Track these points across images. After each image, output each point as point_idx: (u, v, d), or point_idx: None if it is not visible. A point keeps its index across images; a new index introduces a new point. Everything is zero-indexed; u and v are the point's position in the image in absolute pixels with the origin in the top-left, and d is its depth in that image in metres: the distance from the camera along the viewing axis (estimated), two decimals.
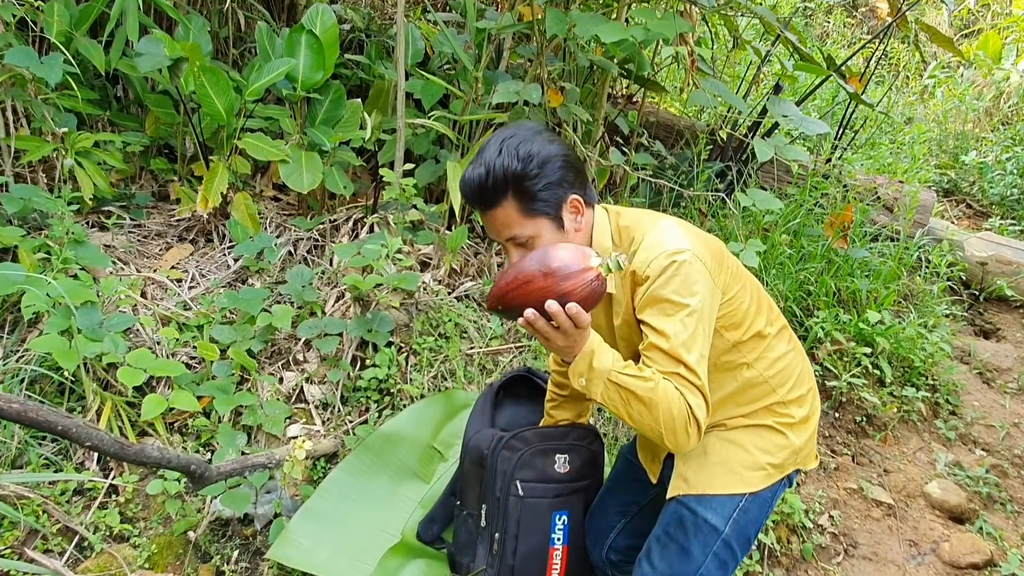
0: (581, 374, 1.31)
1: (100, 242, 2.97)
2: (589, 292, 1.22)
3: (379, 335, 2.54)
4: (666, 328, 1.33)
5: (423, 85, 3.19)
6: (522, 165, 1.36)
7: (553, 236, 1.40)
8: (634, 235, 1.44)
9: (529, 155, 1.36)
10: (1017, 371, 3.45)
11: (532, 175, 1.36)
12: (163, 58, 2.82)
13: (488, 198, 1.39)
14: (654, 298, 1.35)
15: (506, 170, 1.36)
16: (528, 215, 1.39)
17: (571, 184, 1.41)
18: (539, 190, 1.37)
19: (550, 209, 1.39)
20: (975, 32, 7.01)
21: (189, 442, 2.35)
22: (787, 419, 1.51)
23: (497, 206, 1.39)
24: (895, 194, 3.99)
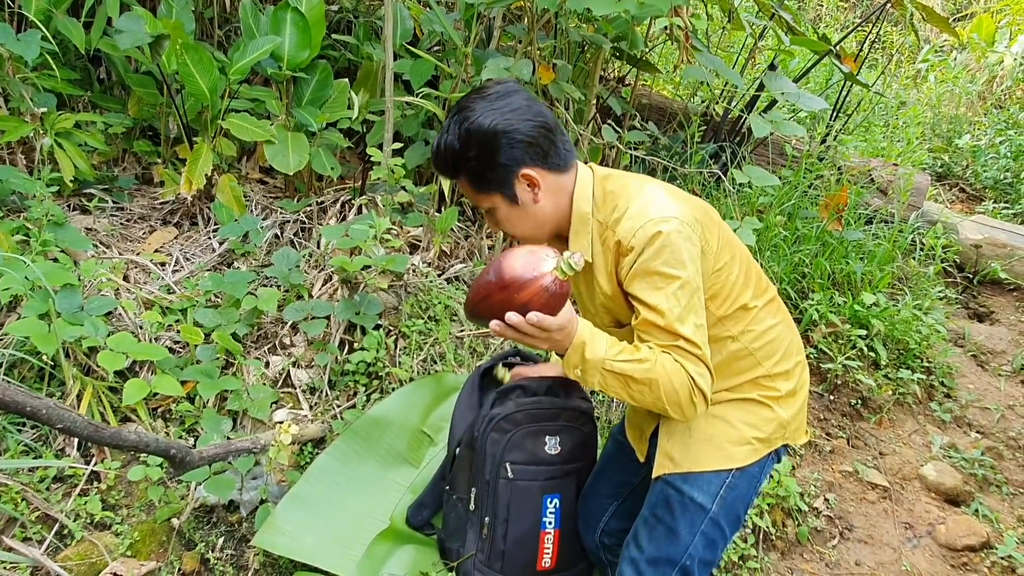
0: (575, 366, 1.30)
1: (82, 225, 2.90)
2: (548, 297, 1.23)
3: (367, 318, 2.49)
4: (659, 303, 1.30)
5: (412, 65, 3.13)
6: (462, 146, 1.37)
7: (509, 209, 1.42)
8: (618, 201, 1.40)
9: (469, 135, 1.35)
10: (1011, 354, 3.43)
11: (471, 156, 1.36)
12: (144, 35, 2.74)
13: (445, 172, 1.44)
14: (643, 271, 1.31)
15: (448, 149, 1.38)
16: (480, 191, 1.41)
17: (519, 160, 1.37)
18: (483, 169, 1.38)
19: (498, 186, 1.39)
20: (969, 15, 6.97)
21: (173, 427, 2.29)
22: (773, 392, 1.47)
23: (455, 180, 1.44)
24: (889, 177, 3.96)
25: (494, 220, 1.46)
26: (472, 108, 1.37)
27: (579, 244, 1.43)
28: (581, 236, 1.43)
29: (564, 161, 1.42)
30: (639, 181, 1.44)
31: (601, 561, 1.80)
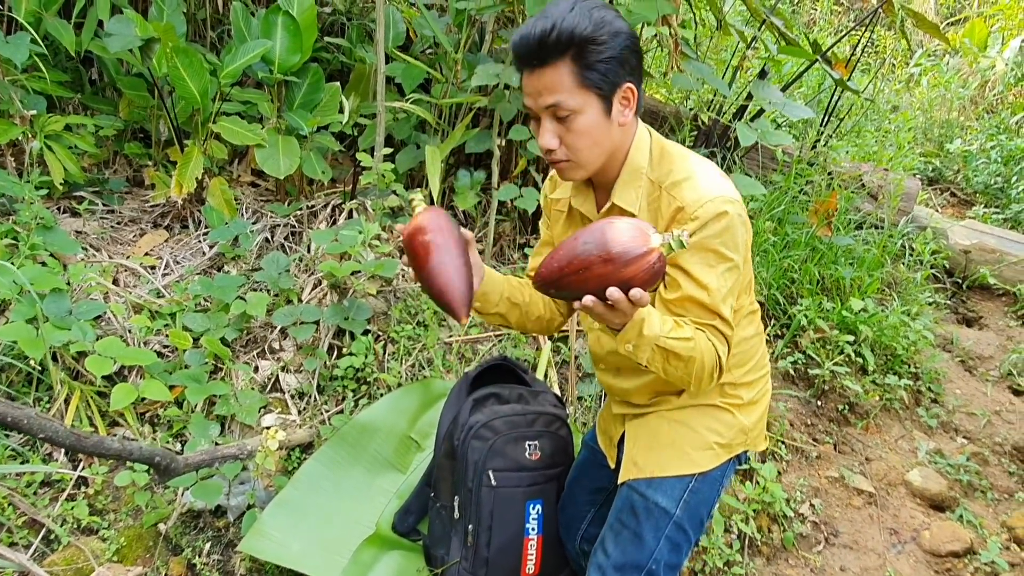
0: (629, 341, 1.24)
1: (71, 228, 2.90)
2: (651, 275, 1.15)
3: (356, 323, 2.50)
4: (709, 282, 1.29)
5: (404, 69, 3.13)
6: (593, 28, 1.24)
7: (597, 119, 1.29)
8: (675, 164, 1.35)
9: (603, 21, 1.25)
10: (999, 359, 3.45)
11: (600, 41, 1.24)
12: (134, 38, 2.74)
13: (545, 54, 1.25)
14: (701, 246, 1.29)
15: (575, 28, 1.23)
16: (581, 85, 1.26)
17: (632, 70, 1.30)
18: (601, 61, 1.25)
19: (605, 87, 1.27)
20: (962, 20, 6.99)
21: (160, 432, 2.30)
22: (735, 399, 1.49)
23: (550, 65, 1.26)
24: (880, 182, 3.97)
25: (567, 129, 1.30)
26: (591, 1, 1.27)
27: (625, 196, 1.38)
28: (629, 188, 1.37)
29: (642, 98, 1.36)
30: (685, 151, 1.40)
31: (582, 568, 1.82)
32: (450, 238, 1.30)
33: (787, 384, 2.94)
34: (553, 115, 1.29)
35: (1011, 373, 3.33)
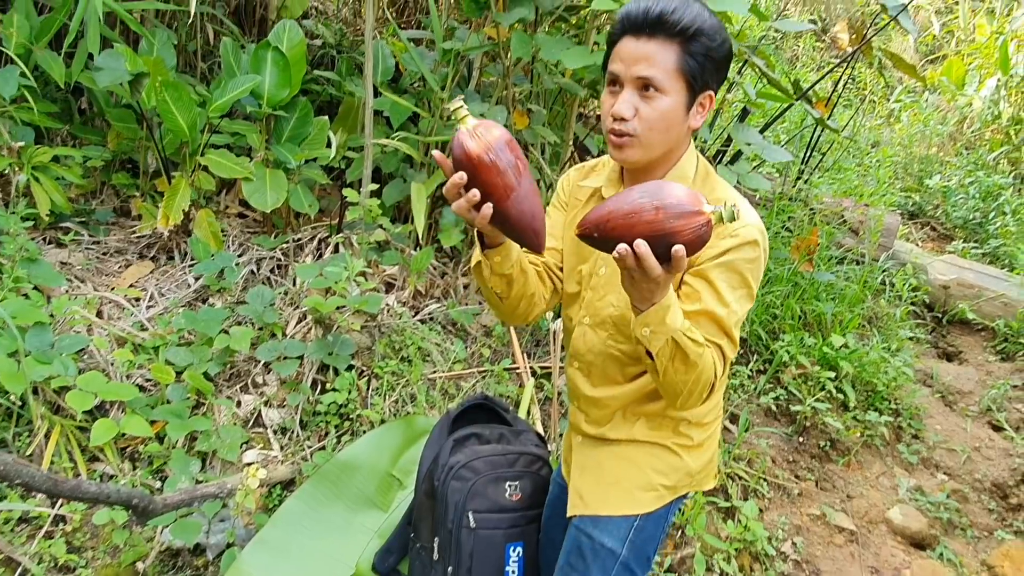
0: (648, 325, 1.21)
1: (56, 259, 2.90)
2: (696, 237, 1.12)
3: (340, 358, 2.50)
4: (730, 301, 1.29)
5: (392, 104, 3.17)
6: (711, 25, 1.27)
7: (676, 108, 1.29)
8: (716, 186, 1.38)
9: (720, 24, 1.29)
10: (978, 394, 3.49)
11: (713, 38, 1.27)
12: (123, 73, 2.77)
13: (660, 27, 1.26)
14: (729, 264, 1.29)
15: (697, 17, 1.25)
16: (679, 69, 1.27)
17: (720, 80, 1.33)
18: (706, 56, 1.27)
19: (696, 82, 1.29)
20: (940, 58, 7.16)
21: (140, 469, 2.28)
22: (685, 440, 1.48)
23: (659, 40, 1.26)
24: (861, 217, 4.04)
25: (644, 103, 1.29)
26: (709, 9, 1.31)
27: None
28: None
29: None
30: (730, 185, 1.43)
31: None
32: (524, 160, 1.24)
33: (769, 420, 2.96)
34: (639, 87, 1.28)
35: (991, 408, 3.37)
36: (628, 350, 1.44)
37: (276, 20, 3.79)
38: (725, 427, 2.82)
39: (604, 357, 1.49)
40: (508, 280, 1.42)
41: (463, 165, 1.17)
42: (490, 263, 1.37)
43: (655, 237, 1.11)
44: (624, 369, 1.47)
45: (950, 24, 7.49)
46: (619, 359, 1.46)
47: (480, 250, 1.37)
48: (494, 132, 1.18)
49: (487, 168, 1.16)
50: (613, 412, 1.50)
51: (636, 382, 1.47)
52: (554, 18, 2.79)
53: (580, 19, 3.30)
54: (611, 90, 1.33)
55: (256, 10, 4.03)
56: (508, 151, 1.18)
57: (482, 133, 1.17)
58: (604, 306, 1.46)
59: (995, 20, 6.56)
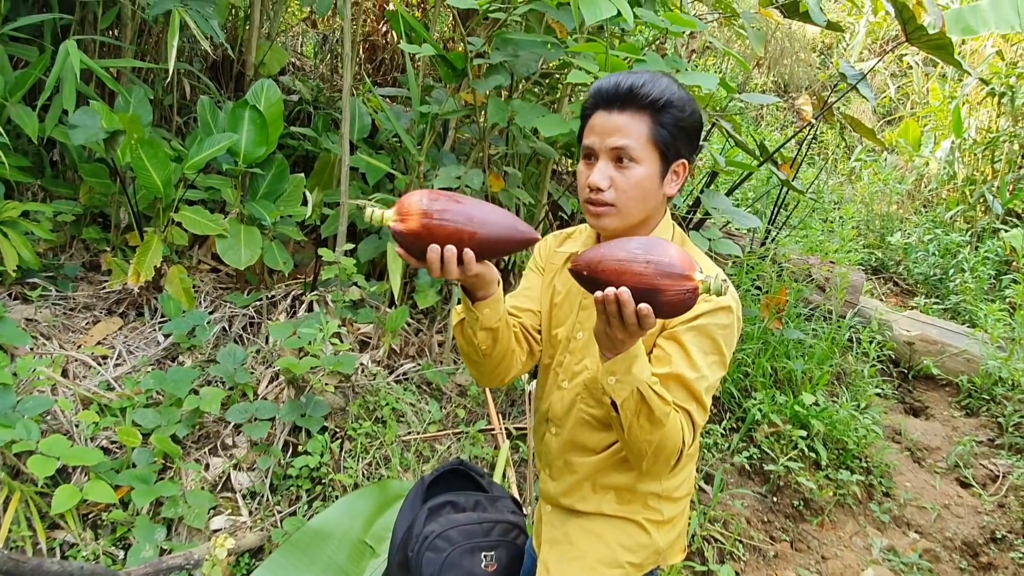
0: (614, 373, 1.22)
1: (22, 315, 2.84)
2: (679, 300, 1.14)
3: (313, 420, 2.46)
4: (701, 366, 1.30)
5: (367, 162, 3.20)
6: (680, 98, 1.32)
7: (651, 177, 1.33)
8: (692, 252, 1.39)
9: (687, 96, 1.34)
10: (946, 450, 3.54)
11: (682, 109, 1.32)
12: (99, 131, 2.77)
13: (631, 101, 1.31)
14: (703, 329, 1.31)
15: (666, 90, 1.30)
16: (651, 140, 1.32)
17: (692, 149, 1.38)
18: (677, 127, 1.32)
19: (669, 151, 1.33)
20: (897, 119, 7.46)
21: (103, 537, 2.20)
22: (656, 515, 1.48)
23: (631, 112, 1.31)
24: (827, 274, 4.14)
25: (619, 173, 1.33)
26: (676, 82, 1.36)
27: None
28: None
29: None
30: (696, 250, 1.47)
31: None
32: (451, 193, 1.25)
33: (743, 480, 2.96)
34: (614, 158, 1.33)
35: (958, 465, 3.42)
36: (600, 415, 1.44)
37: (253, 77, 3.84)
38: (700, 488, 2.82)
39: (577, 422, 1.49)
40: (494, 334, 1.42)
41: (418, 245, 1.20)
42: (479, 316, 1.37)
43: (640, 290, 1.14)
44: (595, 435, 1.47)
45: (905, 87, 7.83)
46: (591, 424, 1.46)
47: (469, 304, 1.36)
48: (413, 201, 1.19)
49: (435, 230, 1.19)
50: (582, 480, 1.49)
51: (607, 451, 1.46)
52: (530, 82, 2.86)
53: (553, 81, 3.39)
54: (587, 162, 1.37)
55: (233, 66, 4.08)
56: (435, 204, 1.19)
57: (407, 211, 1.19)
58: (580, 369, 1.47)
59: (947, 84, 6.87)
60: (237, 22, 4.24)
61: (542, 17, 2.79)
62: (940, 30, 3.28)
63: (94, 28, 3.40)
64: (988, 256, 5.10)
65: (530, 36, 2.53)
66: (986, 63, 5.90)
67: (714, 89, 2.08)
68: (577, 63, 2.12)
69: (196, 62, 3.93)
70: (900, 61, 7.84)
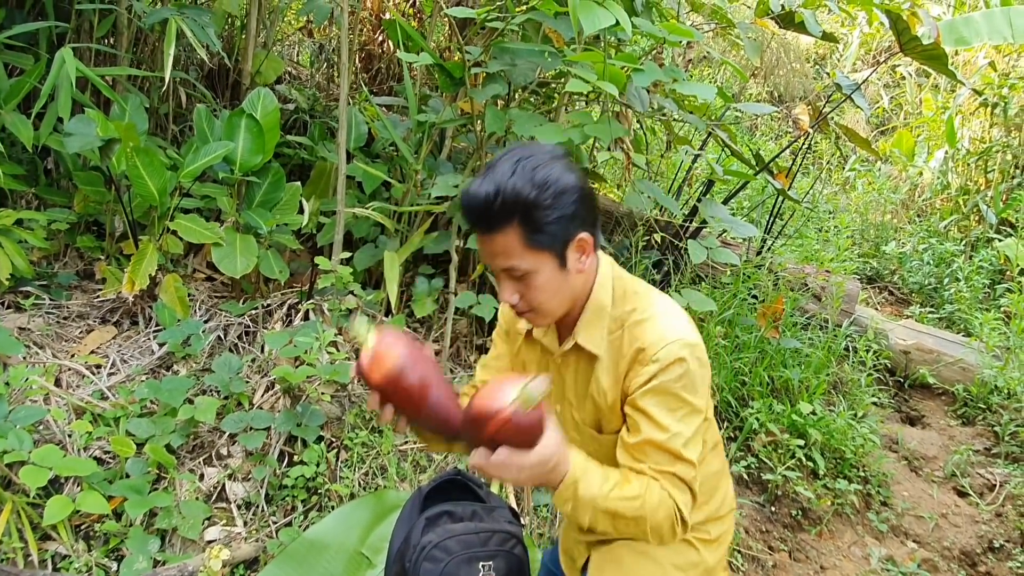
0: (566, 501, 1.24)
1: (15, 324, 2.82)
2: (516, 430, 1.16)
3: (309, 430, 2.44)
4: (669, 424, 1.28)
5: (364, 170, 3.20)
6: (536, 192, 1.22)
7: (552, 275, 1.30)
8: (638, 303, 1.36)
9: (545, 182, 1.23)
10: (943, 459, 3.54)
11: (545, 204, 1.23)
12: (94, 139, 2.75)
13: (492, 221, 1.25)
14: (661, 389, 1.28)
15: (518, 194, 1.22)
16: (531, 247, 1.26)
17: (583, 221, 1.29)
18: (549, 222, 1.24)
19: (556, 245, 1.27)
20: (890, 129, 7.51)
21: (96, 548, 2.17)
22: (703, 535, 1.48)
23: (499, 231, 1.25)
24: (823, 283, 4.15)
25: (525, 286, 1.31)
26: (537, 157, 1.25)
27: (589, 336, 1.37)
28: (594, 328, 1.37)
29: (600, 240, 1.37)
30: (648, 288, 1.41)
31: None
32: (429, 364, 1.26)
33: (742, 489, 2.95)
34: (509, 276, 1.31)
35: (955, 474, 3.42)
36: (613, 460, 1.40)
37: (249, 85, 3.84)
38: None
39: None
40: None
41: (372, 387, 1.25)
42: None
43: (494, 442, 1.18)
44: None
45: (898, 98, 7.88)
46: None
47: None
48: (394, 354, 1.23)
49: (392, 393, 1.24)
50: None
51: None
52: (527, 91, 2.87)
53: (550, 90, 3.40)
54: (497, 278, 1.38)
55: (229, 75, 4.08)
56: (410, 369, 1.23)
57: (382, 357, 1.23)
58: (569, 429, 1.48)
59: (940, 95, 6.92)
60: (233, 31, 4.25)
61: (539, 27, 2.80)
62: (934, 41, 3.30)
63: (90, 36, 3.40)
64: (982, 265, 5.12)
65: (528, 45, 2.53)
66: (978, 74, 5.94)
67: (712, 99, 2.09)
68: (575, 72, 2.13)
69: (192, 71, 3.93)
70: (893, 72, 7.90)
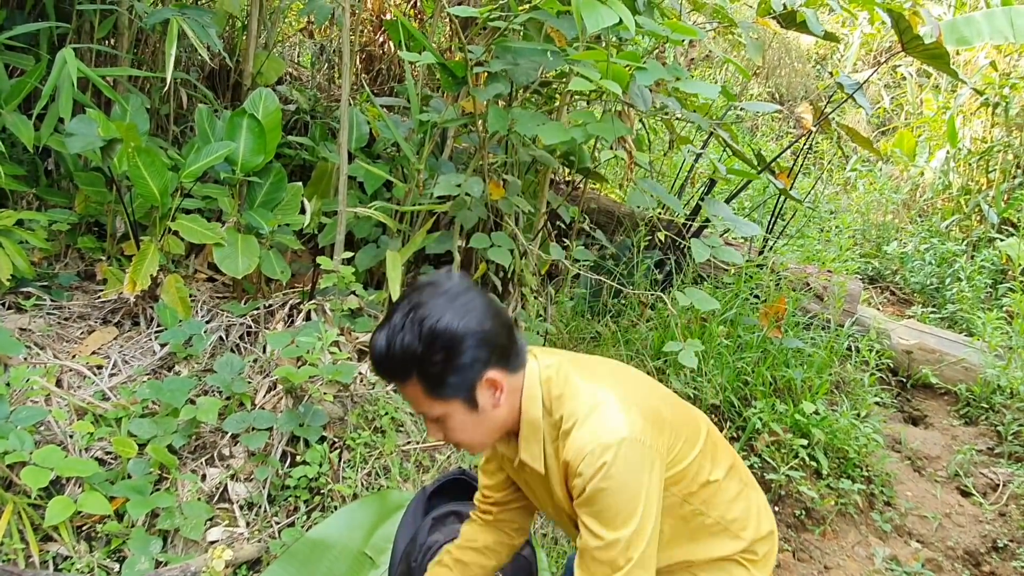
0: None
1: (15, 325, 2.81)
2: None
3: (311, 430, 2.43)
4: (605, 534, 1.25)
5: (366, 170, 3.19)
6: (424, 348, 1.22)
7: (467, 416, 1.30)
8: (565, 408, 1.32)
9: (433, 335, 1.22)
10: (945, 459, 3.53)
11: (436, 361, 1.23)
12: (96, 139, 2.75)
13: (390, 376, 1.29)
14: (591, 499, 1.26)
15: (406, 350, 1.23)
16: (435, 397, 1.27)
17: (486, 362, 1.27)
18: (446, 375, 1.25)
19: (460, 392, 1.27)
20: (891, 129, 7.50)
21: (98, 549, 2.16)
22: (752, 556, 1.47)
23: (401, 384, 1.28)
24: (824, 283, 4.14)
25: (442, 428, 1.33)
26: (429, 305, 1.24)
27: (529, 452, 1.36)
28: (531, 443, 1.36)
29: (521, 360, 1.35)
30: (587, 380, 1.35)
31: None
32: None
33: None
34: (426, 418, 1.33)
35: (958, 474, 3.41)
36: None
37: (250, 86, 3.83)
38: None
39: None
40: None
41: None
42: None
43: None
44: None
45: (899, 98, 7.88)
46: None
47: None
48: None
49: None
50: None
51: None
52: (529, 91, 2.86)
53: (551, 91, 3.40)
54: None
55: (230, 76, 4.07)
56: None
57: None
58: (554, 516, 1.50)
59: (940, 95, 6.92)
60: (234, 32, 4.24)
61: (541, 26, 2.80)
62: (936, 40, 3.30)
63: (91, 37, 3.39)
64: (984, 265, 5.11)
65: (530, 44, 2.53)
66: (979, 74, 5.93)
67: (715, 97, 2.09)
68: (578, 70, 2.12)
69: (192, 72, 3.93)
70: (894, 72, 7.90)
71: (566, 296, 3.25)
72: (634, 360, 3.12)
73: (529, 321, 2.92)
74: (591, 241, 3.52)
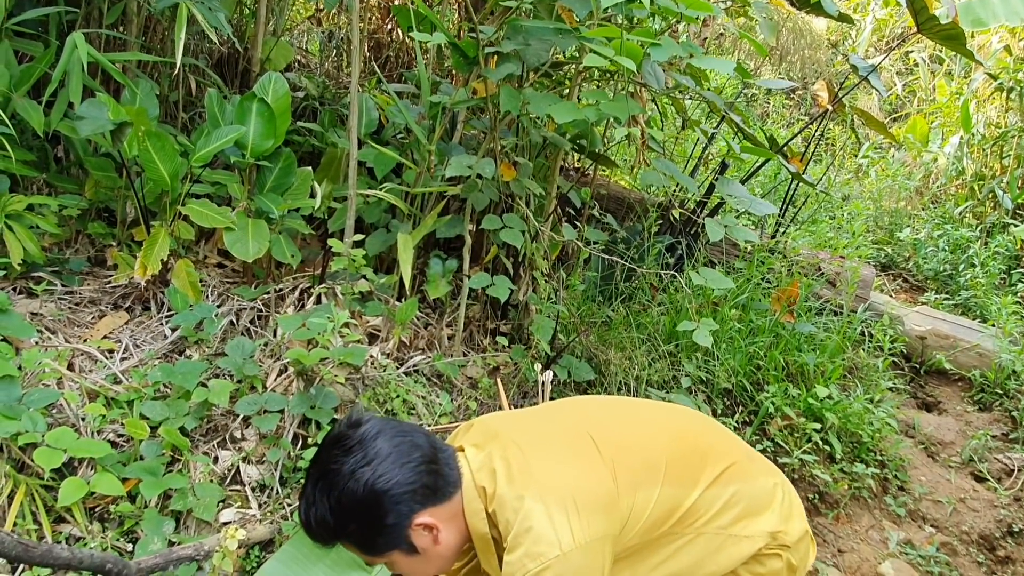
0: None
1: (27, 310, 2.81)
2: None
3: (323, 412, 2.43)
4: None
5: (376, 155, 3.17)
6: (340, 521, 1.23)
7: (410, 559, 1.30)
8: (508, 518, 1.27)
9: (346, 507, 1.22)
10: (959, 444, 3.50)
11: (351, 531, 1.25)
12: (106, 122, 2.74)
13: (322, 543, 1.30)
14: None
15: (323, 524, 1.25)
16: (372, 554, 1.29)
17: (410, 511, 1.25)
18: (370, 536, 1.25)
19: (393, 546, 1.27)
20: (904, 116, 7.43)
21: (111, 531, 2.17)
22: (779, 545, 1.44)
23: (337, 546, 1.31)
24: (837, 269, 4.11)
25: (395, 569, 1.34)
26: (336, 471, 1.22)
27: (489, 564, 1.35)
28: (488, 555, 1.34)
29: (454, 484, 1.31)
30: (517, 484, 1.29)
31: None
32: None
33: None
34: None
35: (972, 459, 3.38)
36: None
37: (259, 72, 3.82)
38: None
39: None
40: None
41: None
42: None
43: None
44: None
45: (912, 84, 7.80)
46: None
47: None
48: None
49: None
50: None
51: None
52: (539, 74, 2.84)
53: (560, 75, 3.37)
54: None
55: (239, 62, 4.06)
56: None
57: None
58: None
59: (953, 81, 6.84)
60: (243, 19, 4.23)
61: (552, 7, 2.77)
62: (952, 20, 3.25)
63: (99, 23, 3.38)
64: (998, 251, 5.06)
65: (542, 23, 2.50)
66: (994, 58, 5.86)
67: (731, 74, 2.06)
68: (592, 47, 2.10)
69: (201, 58, 3.92)
70: (906, 59, 7.82)
71: (578, 279, 3.23)
72: (646, 344, 3.10)
73: (540, 304, 2.91)
74: (602, 226, 3.50)
